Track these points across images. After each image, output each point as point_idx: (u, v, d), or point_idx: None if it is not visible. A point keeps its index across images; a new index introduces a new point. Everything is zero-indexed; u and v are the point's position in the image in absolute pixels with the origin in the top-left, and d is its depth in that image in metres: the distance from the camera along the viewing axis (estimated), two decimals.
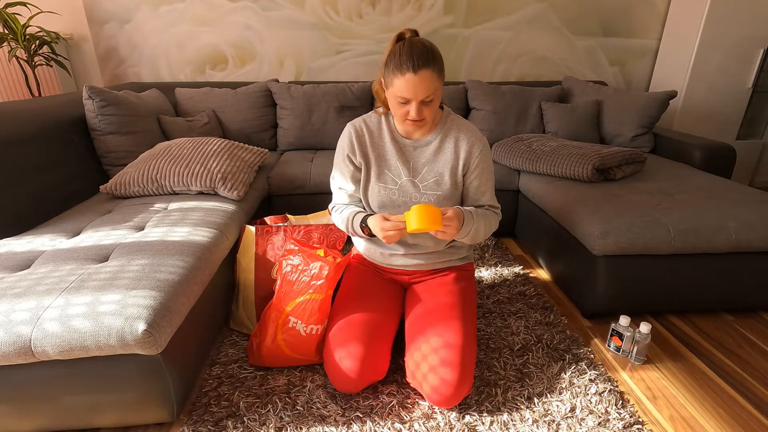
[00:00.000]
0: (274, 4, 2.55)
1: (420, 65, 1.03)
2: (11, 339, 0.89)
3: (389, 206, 1.25)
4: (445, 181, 1.22)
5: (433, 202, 1.22)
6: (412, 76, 1.04)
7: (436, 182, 1.22)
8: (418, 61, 1.03)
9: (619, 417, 1.12)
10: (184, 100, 2.31)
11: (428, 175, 1.23)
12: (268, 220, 1.51)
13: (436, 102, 1.11)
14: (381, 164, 1.24)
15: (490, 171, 1.26)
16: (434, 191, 1.22)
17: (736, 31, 2.56)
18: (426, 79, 1.04)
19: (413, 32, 1.11)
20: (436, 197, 1.22)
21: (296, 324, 1.20)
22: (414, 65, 1.03)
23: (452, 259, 1.34)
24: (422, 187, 1.23)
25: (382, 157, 1.24)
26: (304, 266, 1.20)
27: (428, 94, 1.06)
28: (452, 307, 1.19)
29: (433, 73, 1.05)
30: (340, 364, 1.11)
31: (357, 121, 1.27)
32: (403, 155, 1.23)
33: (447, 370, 1.06)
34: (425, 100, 1.07)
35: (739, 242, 1.43)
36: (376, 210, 1.27)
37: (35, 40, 2.27)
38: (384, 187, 1.24)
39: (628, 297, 1.49)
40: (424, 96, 1.06)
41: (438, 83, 1.08)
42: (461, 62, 2.80)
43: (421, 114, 1.10)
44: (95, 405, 1.01)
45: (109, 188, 1.59)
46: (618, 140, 2.37)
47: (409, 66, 1.04)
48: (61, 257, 1.13)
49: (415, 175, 1.23)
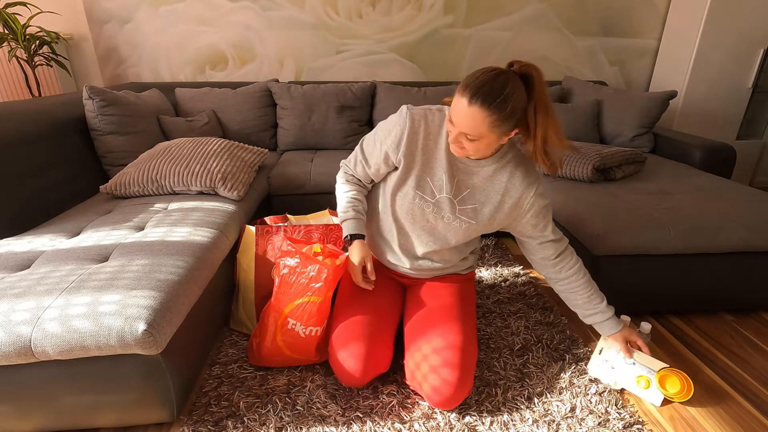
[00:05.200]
0: (274, 4, 2.55)
1: (476, 100, 0.90)
2: (11, 339, 0.88)
3: (419, 220, 1.16)
4: (483, 212, 1.13)
5: (463, 230, 1.15)
6: (465, 103, 0.92)
7: (474, 210, 1.13)
8: (479, 94, 0.90)
9: (619, 417, 1.12)
10: (184, 100, 2.31)
11: (468, 199, 1.13)
12: (268, 220, 1.51)
13: (481, 145, 0.98)
14: (426, 171, 1.12)
15: (548, 209, 1.15)
16: (469, 218, 1.14)
17: (736, 31, 2.56)
18: (474, 117, 0.92)
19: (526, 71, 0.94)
20: (467, 225, 1.14)
21: (295, 325, 1.20)
22: (471, 95, 0.91)
23: (458, 270, 1.34)
24: (459, 211, 1.13)
25: (428, 164, 1.12)
26: (302, 268, 1.20)
27: (470, 132, 0.94)
28: (452, 308, 1.19)
29: (487, 118, 0.91)
30: (344, 364, 1.12)
31: (417, 114, 1.11)
32: (451, 170, 1.11)
33: (447, 371, 1.06)
34: (468, 136, 0.96)
35: (739, 242, 1.43)
36: (400, 217, 1.18)
37: (35, 40, 2.27)
38: (421, 197, 1.13)
39: (628, 297, 1.49)
40: (467, 130, 0.95)
41: (486, 131, 0.93)
42: (461, 62, 2.80)
43: (460, 143, 0.99)
44: (95, 405, 1.00)
45: (109, 188, 1.59)
46: (618, 140, 2.37)
47: (467, 93, 0.91)
48: (61, 257, 1.13)
49: (456, 195, 1.12)
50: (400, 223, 1.21)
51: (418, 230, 1.20)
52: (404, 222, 1.20)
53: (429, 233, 1.19)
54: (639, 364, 1.22)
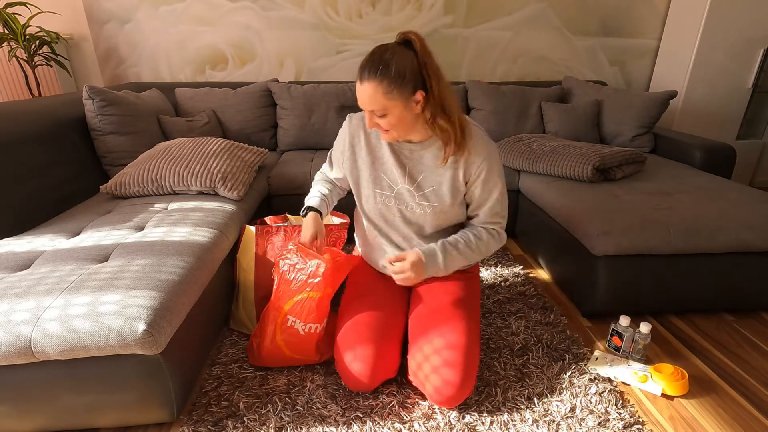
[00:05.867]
0: (274, 4, 2.55)
1: (364, 75, 0.97)
2: (11, 339, 0.89)
3: (388, 215, 1.19)
4: (443, 192, 1.13)
5: (429, 214, 1.16)
6: (359, 84, 0.99)
7: (433, 192, 1.14)
8: (365, 69, 0.97)
9: (619, 417, 1.12)
10: (184, 100, 2.31)
11: (425, 183, 1.14)
12: (268, 220, 1.51)
13: (393, 118, 1.01)
14: (377, 167, 1.16)
15: (495, 183, 1.14)
16: (431, 203, 1.15)
17: (736, 31, 2.56)
18: (367, 91, 0.97)
19: (405, 36, 1.00)
20: (432, 209, 1.15)
21: (295, 323, 1.20)
22: (360, 74, 0.98)
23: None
24: (418, 197, 1.14)
25: (378, 160, 1.16)
26: (302, 264, 1.20)
27: (372, 108, 1.00)
28: (455, 307, 1.18)
29: (379, 87, 0.96)
30: (350, 367, 1.11)
31: (356, 118, 1.19)
32: (398, 159, 1.14)
33: (450, 371, 1.06)
34: (375, 113, 1.01)
35: (739, 242, 1.43)
36: (374, 219, 1.23)
37: (35, 40, 2.27)
38: (381, 194, 1.17)
39: (628, 297, 1.49)
40: (370, 106, 1.00)
41: (385, 101, 0.97)
42: (461, 62, 2.80)
43: (376, 124, 1.04)
44: (95, 405, 1.00)
45: (109, 188, 1.59)
46: (618, 140, 2.37)
47: (358, 74, 0.99)
48: (61, 257, 1.13)
49: (411, 183, 1.14)
50: (376, 224, 1.24)
51: (395, 226, 1.22)
52: (379, 222, 1.23)
53: (405, 225, 1.21)
54: (635, 365, 1.30)
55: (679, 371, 1.25)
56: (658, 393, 1.22)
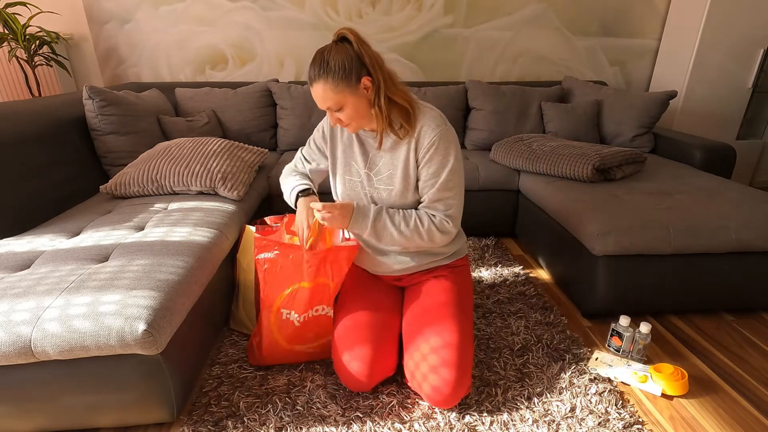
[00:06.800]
0: (274, 4, 2.55)
1: (312, 77, 1.04)
2: (11, 339, 0.89)
3: (357, 199, 1.24)
4: (397, 175, 1.16)
5: (385, 198, 1.20)
6: (311, 88, 1.06)
7: (389, 176, 1.17)
8: (311, 72, 1.04)
9: (619, 417, 1.12)
10: (184, 100, 2.31)
11: (384, 168, 1.18)
12: (268, 220, 1.51)
13: (350, 109, 1.06)
14: (348, 155, 1.23)
15: (444, 167, 1.11)
16: (387, 186, 1.18)
17: (736, 31, 2.56)
18: (318, 92, 1.04)
19: (340, 34, 1.05)
20: (388, 192, 1.18)
21: (289, 315, 1.21)
22: (309, 78, 1.05)
23: (438, 258, 1.29)
24: (376, 181, 1.20)
25: (349, 149, 1.23)
26: (283, 259, 1.18)
27: (328, 105, 1.06)
28: (447, 305, 1.19)
29: (326, 85, 1.02)
30: (349, 366, 1.12)
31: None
32: (363, 148, 1.21)
33: (446, 370, 1.06)
34: (332, 109, 1.06)
35: (739, 242, 1.43)
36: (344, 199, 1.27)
37: (35, 40, 2.27)
38: (350, 180, 1.24)
39: (628, 297, 1.49)
40: (325, 104, 1.06)
41: (336, 96, 1.03)
42: (461, 62, 2.80)
43: (337, 118, 1.09)
44: (95, 405, 1.00)
45: (109, 188, 1.59)
46: (618, 140, 2.37)
47: (308, 78, 1.06)
48: (61, 257, 1.13)
49: (371, 168, 1.20)
50: None
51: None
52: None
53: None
54: (635, 365, 1.30)
55: (679, 371, 1.25)
56: (658, 393, 1.22)
